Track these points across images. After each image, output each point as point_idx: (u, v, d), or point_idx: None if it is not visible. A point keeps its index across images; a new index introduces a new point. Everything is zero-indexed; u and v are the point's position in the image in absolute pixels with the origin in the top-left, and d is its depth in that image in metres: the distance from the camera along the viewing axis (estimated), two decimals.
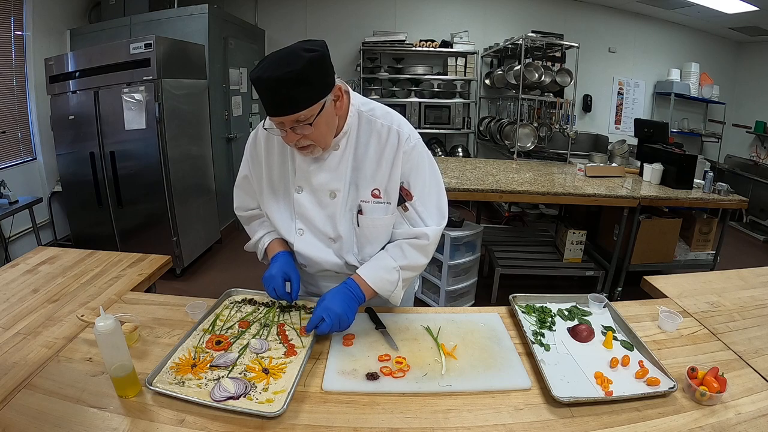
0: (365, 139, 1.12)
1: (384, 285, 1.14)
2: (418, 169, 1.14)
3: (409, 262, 1.16)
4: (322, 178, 1.13)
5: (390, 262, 1.15)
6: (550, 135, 4.79)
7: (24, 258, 1.55)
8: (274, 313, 1.20)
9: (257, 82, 0.94)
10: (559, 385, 0.94)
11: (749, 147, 5.51)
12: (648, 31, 5.51)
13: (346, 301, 1.10)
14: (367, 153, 1.12)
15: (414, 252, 1.16)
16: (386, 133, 1.11)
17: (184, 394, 0.88)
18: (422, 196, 1.15)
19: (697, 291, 1.43)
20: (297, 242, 1.21)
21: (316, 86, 0.96)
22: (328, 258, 1.21)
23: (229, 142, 4.28)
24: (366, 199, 1.13)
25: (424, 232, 1.15)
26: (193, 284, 3.40)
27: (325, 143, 1.06)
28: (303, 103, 0.95)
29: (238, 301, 1.26)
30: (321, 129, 1.02)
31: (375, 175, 1.12)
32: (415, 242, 1.15)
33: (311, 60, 0.93)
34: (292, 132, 1.00)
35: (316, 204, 1.16)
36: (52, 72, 3.19)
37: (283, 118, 0.97)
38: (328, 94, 0.99)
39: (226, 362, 0.99)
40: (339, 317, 1.07)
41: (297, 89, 0.93)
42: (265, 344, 1.06)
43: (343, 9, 5.28)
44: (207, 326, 1.13)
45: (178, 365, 0.97)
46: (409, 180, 1.13)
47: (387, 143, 1.11)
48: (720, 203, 3.00)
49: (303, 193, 1.16)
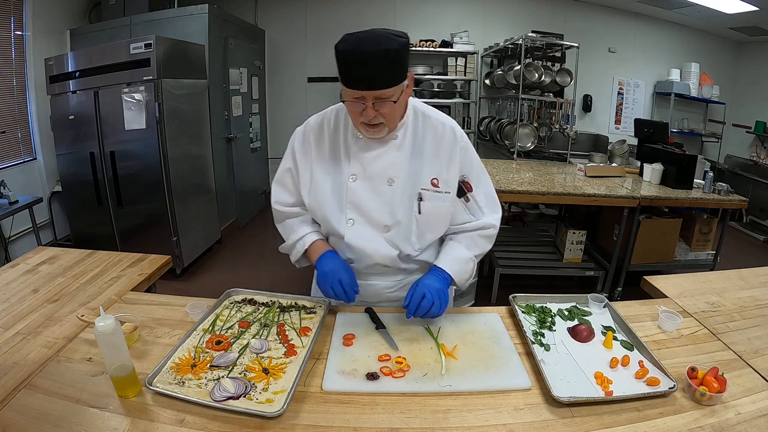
0: (421, 131, 1.19)
1: (462, 276, 1.22)
2: (473, 164, 1.22)
3: (481, 251, 1.26)
4: (380, 165, 1.16)
5: (466, 253, 1.23)
6: (550, 135, 4.79)
7: (24, 258, 1.55)
8: (274, 313, 1.20)
9: (349, 55, 0.98)
10: (559, 385, 0.94)
11: (749, 147, 5.51)
12: (648, 31, 5.50)
13: (440, 281, 1.16)
14: (425, 144, 1.18)
15: (484, 241, 1.26)
16: (441, 128, 1.19)
17: (184, 394, 0.88)
18: (479, 188, 1.23)
19: (697, 291, 1.43)
20: (347, 233, 1.20)
21: (404, 68, 1.04)
22: (380, 249, 1.20)
23: (229, 142, 4.28)
24: (426, 187, 1.18)
25: (490, 222, 1.25)
26: (193, 284, 3.40)
27: (395, 123, 1.13)
28: (392, 80, 1.01)
29: (238, 301, 1.26)
30: (398, 109, 1.09)
31: (433, 165, 1.18)
32: (484, 232, 1.25)
33: (404, 44, 1.01)
34: (372, 108, 1.04)
35: (372, 192, 1.18)
36: (52, 72, 3.18)
37: (368, 93, 1.02)
38: (406, 80, 1.07)
39: (226, 362, 0.99)
40: (439, 292, 1.12)
41: (390, 67, 1.00)
42: (265, 344, 1.06)
43: (343, 9, 5.28)
44: (207, 326, 1.13)
45: (178, 365, 0.97)
46: (466, 173, 1.21)
47: (443, 138, 1.18)
48: (720, 203, 2.99)
49: (357, 182, 1.18)
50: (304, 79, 5.49)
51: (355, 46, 0.97)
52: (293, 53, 5.40)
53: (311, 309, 1.23)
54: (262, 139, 5.26)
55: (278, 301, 1.26)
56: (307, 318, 1.19)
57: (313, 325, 1.15)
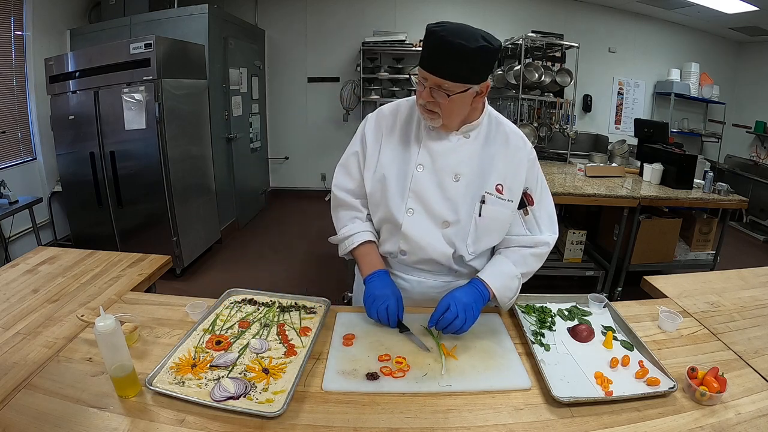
0: (494, 137, 1.18)
1: (505, 293, 1.16)
2: (538, 179, 1.21)
3: (529, 269, 1.21)
4: (449, 160, 1.15)
5: (512, 270, 1.18)
6: (550, 135, 4.78)
7: (24, 258, 1.55)
8: (274, 313, 1.20)
9: (432, 35, 1.00)
10: (559, 385, 0.94)
11: (749, 147, 5.51)
12: (648, 31, 5.50)
13: (473, 295, 1.12)
14: (496, 150, 1.17)
15: (534, 260, 1.21)
16: (514, 137, 1.18)
17: (184, 394, 0.88)
18: (540, 205, 1.21)
19: (697, 291, 1.43)
20: (405, 222, 1.17)
21: (473, 70, 1.02)
22: (436, 243, 1.18)
23: (229, 142, 4.28)
24: (490, 191, 1.16)
25: (545, 241, 1.20)
26: (193, 284, 3.40)
27: (449, 120, 1.10)
28: (456, 75, 1.01)
29: (239, 301, 1.26)
30: (453, 106, 1.06)
31: (500, 171, 1.16)
32: (536, 251, 1.20)
33: (483, 47, 0.98)
34: (428, 91, 1.04)
35: (437, 184, 1.16)
36: (52, 72, 3.18)
37: (429, 76, 1.02)
38: (477, 85, 1.05)
39: (226, 362, 0.99)
40: (466, 307, 1.07)
41: (457, 61, 0.99)
42: (265, 344, 1.06)
43: (343, 9, 5.28)
44: (207, 326, 1.12)
45: (178, 365, 0.97)
46: (530, 187, 1.19)
47: (515, 147, 1.17)
48: (720, 203, 2.99)
49: (423, 172, 1.16)
50: (304, 79, 5.49)
51: (440, 30, 0.98)
52: (293, 53, 5.40)
53: (311, 309, 1.23)
54: (262, 139, 5.26)
55: (278, 301, 1.26)
56: (307, 318, 1.19)
57: (313, 325, 1.15)
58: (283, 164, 5.78)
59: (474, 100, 1.08)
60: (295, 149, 5.72)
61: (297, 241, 4.26)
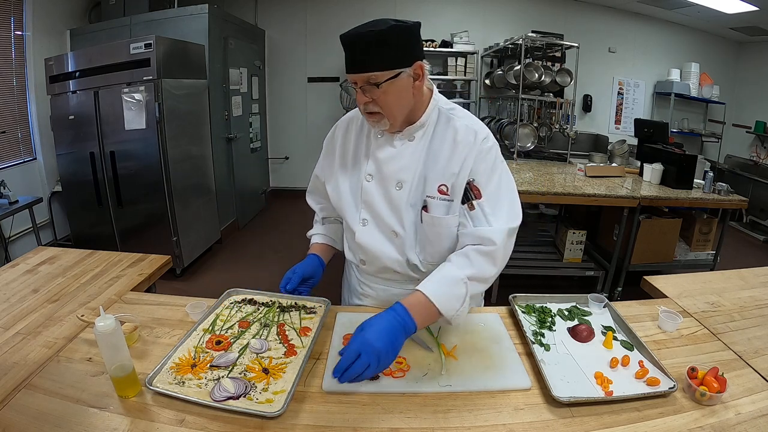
0: (441, 134, 1.11)
1: (449, 302, 0.99)
2: (493, 171, 1.08)
3: (477, 271, 1.02)
4: (392, 167, 1.11)
5: (456, 273, 1.02)
6: (550, 135, 4.79)
7: (24, 258, 1.55)
8: (274, 313, 1.20)
9: (344, 38, 0.98)
10: (559, 385, 0.94)
11: (749, 147, 5.51)
12: (648, 31, 5.51)
13: (390, 332, 0.94)
14: (442, 148, 1.09)
15: (482, 260, 1.03)
16: (463, 130, 1.09)
17: (184, 394, 0.88)
18: (492, 198, 1.07)
19: (697, 291, 1.43)
20: (359, 233, 1.18)
21: (393, 52, 0.97)
22: (389, 253, 1.17)
23: (229, 142, 4.28)
24: (432, 194, 1.09)
25: (488, 237, 1.03)
26: (193, 284, 3.40)
27: (393, 117, 1.05)
28: (376, 63, 0.97)
29: (239, 301, 1.26)
30: (390, 98, 1.01)
31: (445, 171, 1.08)
32: (482, 248, 1.03)
33: (394, 26, 0.95)
34: (361, 93, 1.02)
35: (383, 194, 1.14)
36: (52, 72, 3.19)
37: (356, 76, 1.00)
38: (407, 68, 1.00)
39: (226, 362, 0.99)
40: (380, 355, 0.91)
41: (373, 49, 0.96)
42: (265, 344, 1.06)
43: (343, 9, 5.29)
44: (207, 326, 1.12)
45: (178, 365, 0.97)
46: (480, 179, 1.07)
47: (463, 140, 1.08)
48: (720, 203, 2.99)
49: (372, 182, 1.15)
50: (304, 79, 5.49)
51: (350, 30, 0.97)
52: (293, 53, 5.40)
53: (311, 309, 1.23)
54: (262, 139, 5.26)
55: (278, 301, 1.26)
56: (307, 318, 1.19)
57: (313, 325, 1.15)
58: (283, 164, 5.78)
59: (414, 87, 1.04)
60: (295, 149, 5.72)
61: (297, 241, 4.26)
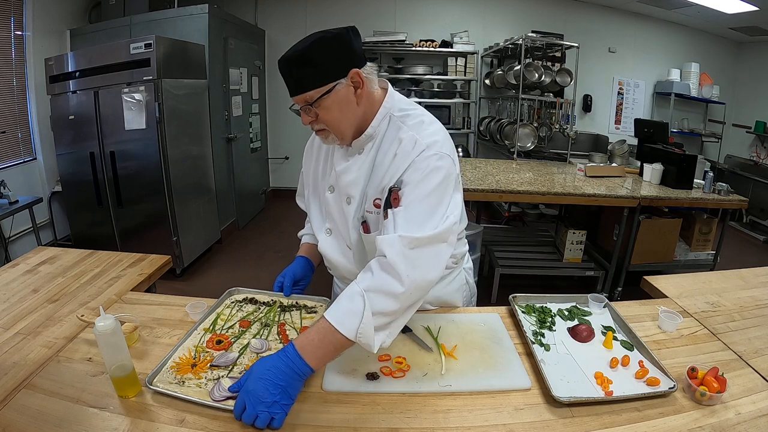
0: (387, 145, 1.02)
1: (346, 318, 0.87)
2: (422, 181, 0.95)
3: (376, 283, 0.89)
4: (343, 181, 1.07)
5: (353, 287, 0.91)
6: (550, 135, 4.79)
7: (24, 258, 1.55)
8: (275, 312, 1.20)
9: (279, 63, 0.96)
10: (559, 385, 0.94)
11: (749, 147, 5.51)
12: (648, 31, 5.51)
13: (277, 381, 0.84)
14: (384, 160, 1.01)
15: (380, 271, 0.90)
16: (407, 140, 0.98)
17: (184, 394, 0.88)
18: (411, 207, 0.94)
19: (697, 291, 1.43)
20: (321, 241, 1.19)
21: (321, 68, 0.93)
22: (346, 264, 1.17)
23: (229, 142, 4.28)
24: (369, 209, 1.04)
25: (380, 247, 0.91)
26: (193, 284, 3.40)
27: (340, 131, 1.00)
28: (306, 83, 0.94)
29: (240, 300, 1.26)
30: (332, 114, 0.97)
31: (380, 184, 1.01)
32: (382, 260, 0.91)
33: (316, 41, 0.91)
34: (304, 113, 0.99)
35: (339, 208, 1.12)
36: (52, 72, 3.18)
37: (296, 98, 0.97)
38: (341, 78, 0.95)
39: (226, 362, 0.99)
40: (270, 406, 0.81)
41: (301, 70, 0.93)
42: (266, 344, 1.06)
43: (343, 9, 5.29)
44: (208, 325, 1.13)
45: (179, 365, 0.97)
46: (405, 188, 0.96)
47: (402, 153, 0.98)
48: (720, 203, 2.99)
49: (332, 194, 1.13)
50: None
51: (283, 54, 0.94)
52: None
53: (312, 308, 1.23)
54: (262, 139, 5.26)
55: (279, 300, 1.26)
56: (307, 317, 1.19)
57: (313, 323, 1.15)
58: (283, 164, 5.78)
59: (357, 96, 0.98)
60: (295, 149, 5.72)
61: (297, 241, 4.25)
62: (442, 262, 0.95)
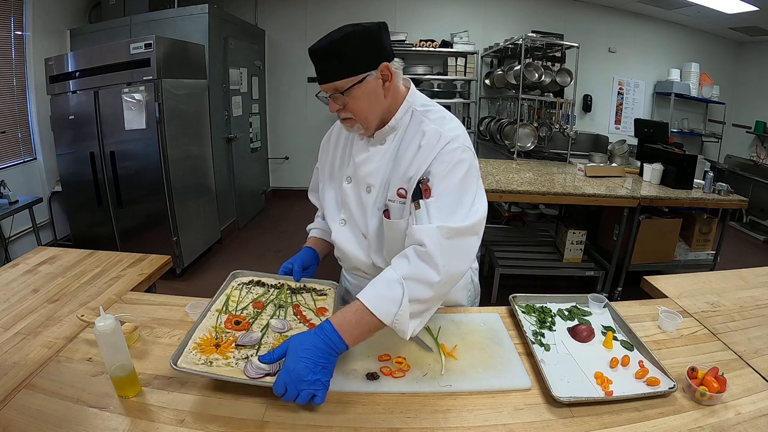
0: (410, 137, 1.08)
1: (384, 305, 0.90)
2: (450, 172, 1.00)
3: (413, 272, 0.92)
4: (364, 171, 1.12)
5: (390, 274, 0.94)
6: (550, 135, 4.79)
7: (24, 258, 1.55)
8: (285, 294, 1.21)
9: (310, 52, 0.99)
10: (559, 385, 0.94)
11: (749, 147, 5.51)
12: (648, 31, 5.51)
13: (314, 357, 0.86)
14: (407, 151, 1.07)
15: (417, 260, 0.93)
16: (431, 133, 1.04)
17: (216, 373, 0.88)
18: (442, 198, 0.99)
19: (697, 291, 1.43)
20: (335, 231, 1.21)
21: (354, 58, 0.97)
22: (358, 255, 1.19)
23: (229, 142, 4.28)
24: (392, 198, 1.07)
25: (418, 237, 0.94)
26: (193, 284, 3.40)
27: (366, 120, 1.05)
28: (336, 73, 0.98)
29: (246, 282, 1.27)
30: (360, 103, 1.02)
31: (405, 174, 1.05)
32: (418, 249, 0.94)
33: (350, 33, 0.95)
34: (332, 102, 1.02)
35: (357, 197, 1.16)
36: (52, 72, 3.18)
37: (325, 86, 1.01)
38: (372, 71, 0.99)
39: (252, 341, 0.99)
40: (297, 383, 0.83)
41: (332, 60, 0.97)
42: (286, 324, 1.07)
43: (343, 9, 5.29)
44: (220, 306, 1.13)
45: (201, 345, 0.96)
46: (434, 179, 1.00)
47: (426, 144, 1.03)
48: (720, 203, 2.99)
49: (350, 185, 1.17)
50: (304, 79, 5.49)
51: (315, 43, 0.98)
52: (293, 53, 5.39)
53: (321, 291, 1.24)
54: (262, 139, 5.26)
55: (287, 283, 1.26)
56: (320, 299, 1.21)
57: (328, 305, 1.18)
58: (283, 164, 5.78)
59: (385, 88, 1.03)
60: (295, 149, 5.72)
61: (297, 241, 4.24)
62: (473, 255, 1.02)
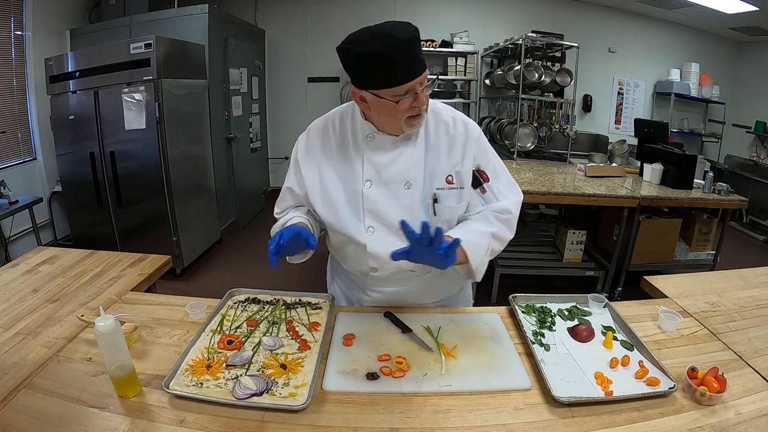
0: (433, 129, 1.16)
1: (476, 250, 1.08)
2: (487, 154, 1.19)
3: (498, 231, 1.15)
4: (396, 169, 1.12)
5: (482, 227, 1.13)
6: (550, 135, 4.79)
7: (24, 258, 1.55)
8: (280, 310, 1.21)
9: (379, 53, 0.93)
10: (559, 385, 0.94)
11: (749, 147, 5.51)
12: (648, 31, 5.50)
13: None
14: (438, 142, 1.15)
15: (501, 224, 1.15)
16: (453, 123, 1.16)
17: (205, 395, 0.88)
18: (495, 177, 1.19)
19: (697, 291, 1.43)
20: (369, 241, 1.14)
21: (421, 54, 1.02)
22: None
23: (229, 142, 4.28)
24: (441, 186, 1.14)
25: (506, 207, 1.16)
26: (193, 284, 3.40)
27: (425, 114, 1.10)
28: (422, 64, 1.00)
29: (242, 300, 1.26)
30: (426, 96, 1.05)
31: (448, 163, 1.14)
32: (500, 216, 1.15)
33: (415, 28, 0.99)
34: (421, 96, 1.02)
35: (390, 197, 1.13)
36: (52, 72, 3.18)
37: (411, 83, 0.98)
38: None
39: (242, 361, 0.99)
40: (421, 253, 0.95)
41: (416, 51, 0.98)
42: (278, 341, 1.07)
43: (343, 9, 5.28)
44: (215, 327, 1.13)
45: (193, 367, 0.97)
46: (481, 164, 1.17)
47: (456, 132, 1.15)
48: (720, 203, 2.99)
49: (372, 188, 1.13)
50: (304, 79, 5.49)
51: (385, 41, 0.92)
52: (293, 53, 5.40)
53: (316, 305, 1.24)
54: (262, 139, 5.26)
55: (282, 299, 1.26)
56: (314, 314, 1.20)
57: (322, 320, 1.17)
58: (283, 164, 5.77)
59: None
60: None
61: None
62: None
